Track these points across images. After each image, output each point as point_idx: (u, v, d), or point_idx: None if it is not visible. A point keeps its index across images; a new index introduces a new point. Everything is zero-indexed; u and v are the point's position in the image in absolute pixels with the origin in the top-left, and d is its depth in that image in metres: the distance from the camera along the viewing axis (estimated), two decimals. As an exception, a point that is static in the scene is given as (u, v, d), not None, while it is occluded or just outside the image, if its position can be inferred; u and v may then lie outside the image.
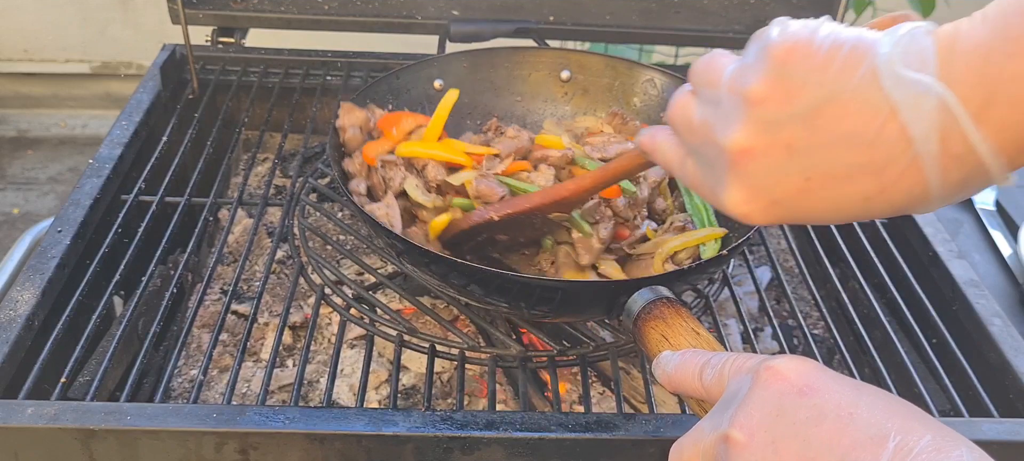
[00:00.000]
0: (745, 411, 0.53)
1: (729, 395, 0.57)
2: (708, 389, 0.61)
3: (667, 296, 0.76)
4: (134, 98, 1.27)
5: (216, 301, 1.16)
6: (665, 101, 1.16)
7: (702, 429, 0.57)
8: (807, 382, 0.52)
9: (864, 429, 0.49)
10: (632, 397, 1.01)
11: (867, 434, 0.48)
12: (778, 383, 0.53)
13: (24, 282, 0.92)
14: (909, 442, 0.47)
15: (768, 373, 0.54)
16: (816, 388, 0.52)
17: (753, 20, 1.41)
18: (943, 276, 1.05)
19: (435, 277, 0.89)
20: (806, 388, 0.52)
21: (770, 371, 0.54)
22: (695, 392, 0.63)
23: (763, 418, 0.52)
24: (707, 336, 0.70)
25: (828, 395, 0.51)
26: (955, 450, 0.46)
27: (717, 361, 0.61)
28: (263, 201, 1.14)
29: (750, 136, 0.55)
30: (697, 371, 0.62)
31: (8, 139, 3.11)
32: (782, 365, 0.54)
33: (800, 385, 0.52)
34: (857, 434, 0.49)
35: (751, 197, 0.57)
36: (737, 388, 0.56)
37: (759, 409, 0.53)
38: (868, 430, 0.48)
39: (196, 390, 0.85)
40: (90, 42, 3.04)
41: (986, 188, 0.53)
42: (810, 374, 0.53)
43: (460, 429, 0.79)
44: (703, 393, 0.62)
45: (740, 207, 0.58)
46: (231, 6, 1.39)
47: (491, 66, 1.20)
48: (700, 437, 0.56)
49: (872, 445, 0.48)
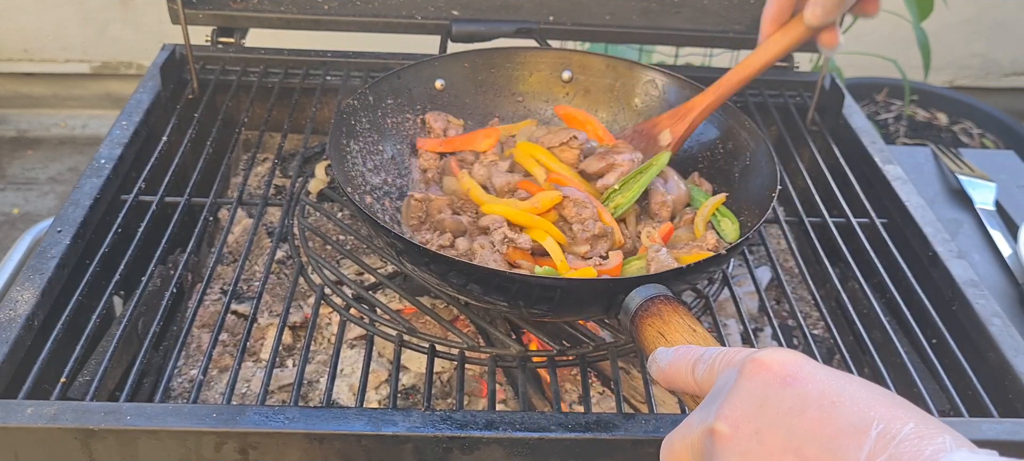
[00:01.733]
0: (730, 403, 0.53)
1: (717, 389, 0.57)
2: (700, 384, 0.61)
3: (665, 294, 0.76)
4: (134, 98, 1.27)
5: (216, 301, 1.16)
6: (666, 101, 1.16)
7: (691, 423, 0.57)
8: (790, 372, 0.52)
9: (847, 417, 0.49)
10: (632, 397, 1.01)
11: (850, 422, 0.48)
12: (762, 374, 0.53)
13: (24, 282, 0.92)
14: (892, 429, 0.47)
15: (753, 365, 0.54)
16: (799, 378, 0.52)
17: (753, 20, 1.41)
18: (943, 276, 1.05)
19: (435, 276, 0.89)
20: (789, 378, 0.52)
21: (755, 363, 0.54)
22: (688, 387, 0.63)
23: (747, 409, 0.52)
24: (704, 333, 0.70)
25: (811, 384, 0.51)
26: (938, 437, 0.46)
27: (709, 356, 0.61)
28: (263, 201, 1.14)
29: None
30: (690, 366, 0.62)
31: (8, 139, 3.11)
32: (766, 356, 0.54)
33: (783, 375, 0.52)
34: (840, 422, 0.49)
35: None
36: (724, 381, 0.56)
37: (743, 401, 0.53)
38: (851, 418, 0.49)
39: (196, 390, 0.85)
40: (90, 42, 3.04)
41: None
42: (793, 364, 0.53)
43: (460, 429, 0.79)
44: (696, 388, 0.62)
45: None
46: (231, 6, 1.39)
47: (492, 67, 1.20)
48: (689, 431, 0.57)
49: (855, 433, 0.48)
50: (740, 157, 1.08)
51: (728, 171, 1.09)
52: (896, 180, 1.21)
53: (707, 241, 0.97)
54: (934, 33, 2.04)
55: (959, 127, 2.58)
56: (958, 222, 1.36)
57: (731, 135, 1.10)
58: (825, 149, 1.33)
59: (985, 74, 3.14)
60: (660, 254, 0.93)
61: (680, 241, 1.01)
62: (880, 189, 1.22)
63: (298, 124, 1.34)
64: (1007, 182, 1.45)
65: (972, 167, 1.47)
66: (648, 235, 0.99)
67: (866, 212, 1.17)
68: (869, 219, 1.16)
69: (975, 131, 2.56)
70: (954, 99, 2.63)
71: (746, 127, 1.08)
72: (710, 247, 0.96)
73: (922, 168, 1.49)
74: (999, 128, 2.53)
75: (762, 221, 0.93)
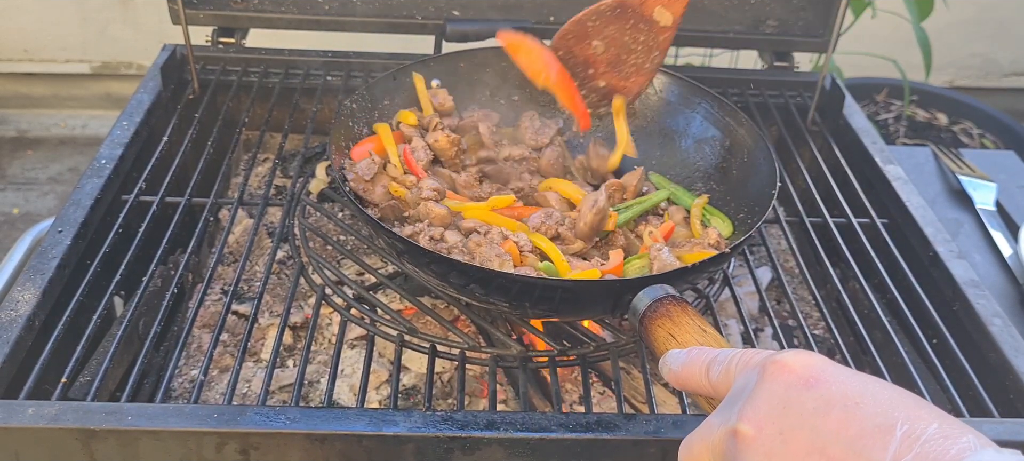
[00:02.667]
0: (753, 404, 0.53)
1: (737, 390, 0.57)
2: (715, 386, 0.61)
3: (673, 294, 0.76)
4: (134, 98, 1.27)
5: (216, 301, 1.16)
6: (663, 101, 1.16)
7: (711, 424, 0.57)
8: (813, 374, 0.53)
9: (871, 418, 0.49)
10: (633, 397, 1.01)
11: (875, 422, 0.49)
12: (785, 376, 0.53)
13: (25, 282, 0.92)
14: (916, 430, 0.47)
15: (774, 367, 0.54)
16: (822, 379, 0.52)
17: (753, 20, 1.41)
18: (943, 276, 1.05)
19: (435, 277, 0.89)
20: (812, 380, 0.52)
21: (776, 364, 0.54)
22: (703, 389, 0.63)
23: (770, 410, 0.52)
24: (714, 334, 0.70)
25: (834, 386, 0.52)
26: (962, 437, 0.46)
27: (724, 357, 0.61)
28: (263, 201, 1.14)
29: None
30: (704, 368, 0.62)
31: (8, 139, 3.11)
32: (788, 358, 0.54)
33: (806, 377, 0.53)
34: (864, 422, 0.49)
35: None
36: (744, 383, 0.56)
37: (766, 402, 0.53)
38: (875, 419, 0.49)
39: (196, 390, 0.85)
40: (90, 42, 3.03)
41: None
42: (816, 366, 0.53)
43: (460, 429, 0.79)
44: (711, 390, 0.62)
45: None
46: (231, 6, 1.39)
47: (487, 66, 1.20)
48: (709, 433, 0.56)
49: (879, 433, 0.48)
50: (739, 156, 1.08)
51: (727, 170, 1.09)
52: (897, 180, 1.21)
53: (709, 236, 0.97)
54: (934, 33, 2.04)
55: (959, 127, 2.58)
56: (958, 222, 1.36)
57: (730, 134, 1.10)
58: (825, 149, 1.33)
59: (985, 74, 3.14)
60: (662, 253, 0.93)
61: (679, 238, 1.01)
62: (881, 189, 1.22)
63: (299, 124, 1.34)
64: (1007, 182, 1.45)
65: (972, 167, 1.47)
66: (650, 234, 0.99)
67: (867, 212, 1.17)
68: (870, 219, 1.16)
69: (975, 131, 2.56)
70: (954, 99, 2.63)
71: (745, 126, 1.08)
72: (711, 242, 0.96)
73: (922, 168, 1.49)
74: (999, 128, 2.53)
75: (763, 219, 0.93)
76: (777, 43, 1.44)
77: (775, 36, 1.42)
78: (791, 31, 1.42)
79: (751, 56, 1.58)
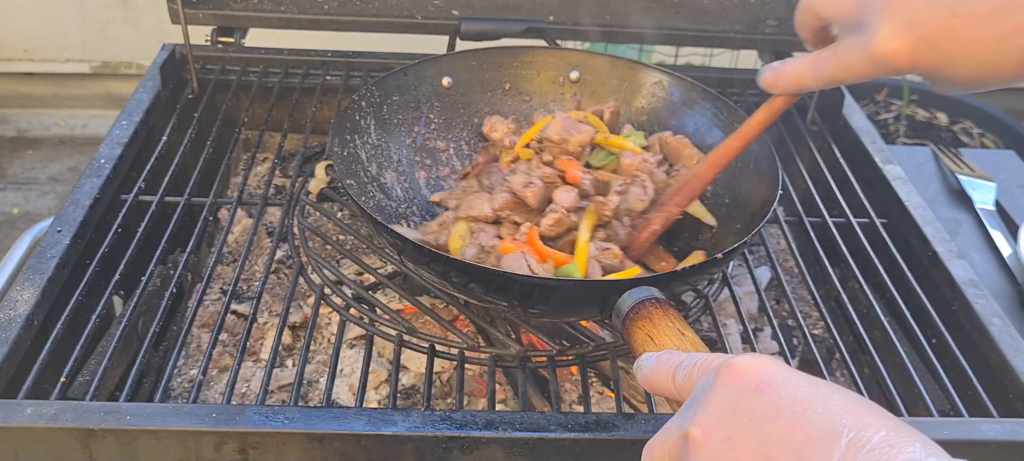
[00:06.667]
0: (705, 409, 0.54)
1: (694, 394, 0.57)
2: (680, 389, 0.61)
3: (656, 296, 0.76)
4: (134, 98, 1.27)
5: (216, 301, 1.16)
6: (671, 102, 1.16)
7: (669, 428, 0.57)
8: (763, 378, 0.52)
9: (819, 424, 0.49)
10: (632, 397, 1.01)
11: (821, 429, 0.48)
12: (736, 381, 0.53)
13: (24, 282, 0.92)
14: (862, 437, 0.47)
15: (728, 371, 0.54)
16: (773, 384, 0.52)
17: (753, 20, 1.41)
18: (943, 276, 1.05)
19: (435, 276, 0.89)
20: (762, 384, 0.52)
21: (729, 369, 0.54)
22: (670, 393, 0.63)
23: (720, 415, 0.53)
24: (692, 337, 0.70)
25: (784, 390, 0.51)
26: (909, 446, 0.46)
27: (689, 362, 0.61)
28: (263, 201, 1.14)
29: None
30: (671, 372, 0.63)
31: (8, 139, 3.11)
32: (741, 363, 0.54)
33: (757, 381, 0.52)
34: (811, 429, 0.49)
35: (901, 32, 0.67)
36: (702, 387, 0.56)
37: (717, 407, 0.53)
38: (822, 425, 0.49)
39: (196, 390, 0.85)
40: (90, 42, 3.04)
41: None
42: (767, 370, 0.53)
43: (459, 429, 0.79)
44: (676, 394, 0.62)
45: (891, 42, 0.68)
46: (231, 6, 1.39)
47: (499, 66, 1.19)
48: (667, 436, 0.57)
49: (826, 440, 0.48)
50: (741, 157, 1.08)
51: (729, 171, 1.09)
52: (896, 180, 1.21)
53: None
54: (934, 33, 2.04)
55: (959, 127, 2.58)
56: (958, 222, 1.36)
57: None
58: (825, 149, 1.33)
59: (985, 74, 3.13)
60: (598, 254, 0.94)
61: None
62: (880, 189, 1.22)
63: (298, 124, 1.34)
64: (1007, 182, 1.45)
65: (972, 167, 1.47)
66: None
67: (866, 212, 1.17)
68: (869, 219, 1.16)
69: (975, 131, 2.56)
70: (954, 99, 2.63)
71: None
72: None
73: (922, 168, 1.49)
74: (999, 128, 2.53)
75: (763, 223, 0.93)
76: (777, 43, 1.43)
77: (775, 36, 1.42)
78: (791, 31, 1.40)
79: (751, 56, 1.58)
